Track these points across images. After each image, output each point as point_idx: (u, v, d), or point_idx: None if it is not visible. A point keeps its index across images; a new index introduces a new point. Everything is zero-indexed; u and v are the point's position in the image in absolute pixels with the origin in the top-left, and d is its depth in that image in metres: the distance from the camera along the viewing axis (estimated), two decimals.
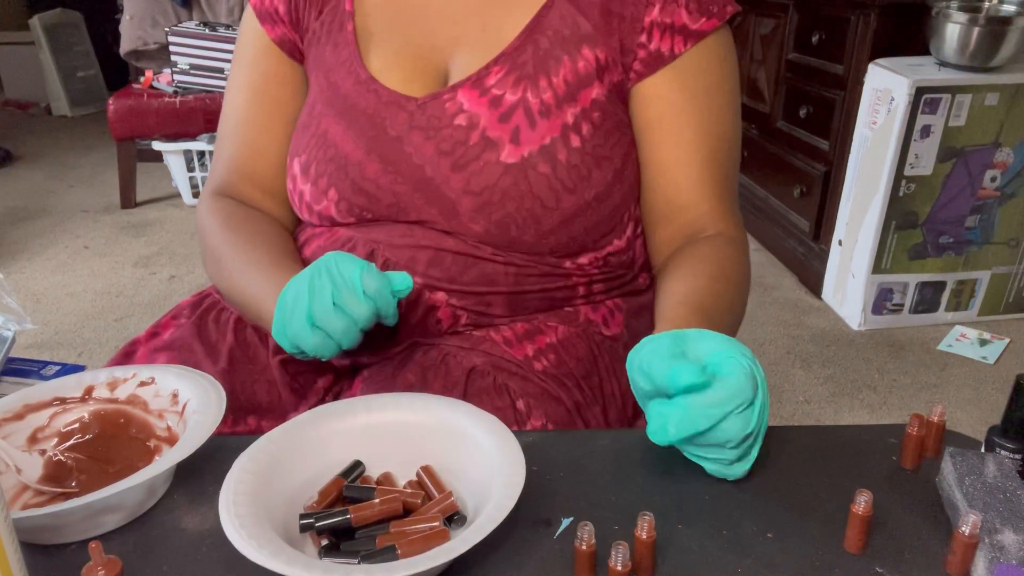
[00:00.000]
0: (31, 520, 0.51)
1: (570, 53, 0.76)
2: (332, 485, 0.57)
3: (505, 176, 0.75)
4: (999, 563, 0.49)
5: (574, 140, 0.76)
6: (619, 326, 0.85)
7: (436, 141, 0.76)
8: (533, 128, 0.75)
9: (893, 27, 2.23)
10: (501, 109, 0.75)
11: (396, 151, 0.77)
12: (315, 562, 0.48)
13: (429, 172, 0.76)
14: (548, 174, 0.75)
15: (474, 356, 0.76)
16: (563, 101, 0.76)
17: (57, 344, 2.24)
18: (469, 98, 0.76)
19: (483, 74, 0.76)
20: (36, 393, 0.64)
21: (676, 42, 0.76)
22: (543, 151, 0.75)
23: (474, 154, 0.75)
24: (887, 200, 2.19)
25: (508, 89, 0.76)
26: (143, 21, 3.25)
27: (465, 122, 0.76)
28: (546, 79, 0.76)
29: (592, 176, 0.77)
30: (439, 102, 0.77)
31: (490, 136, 0.75)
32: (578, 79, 0.76)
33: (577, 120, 0.76)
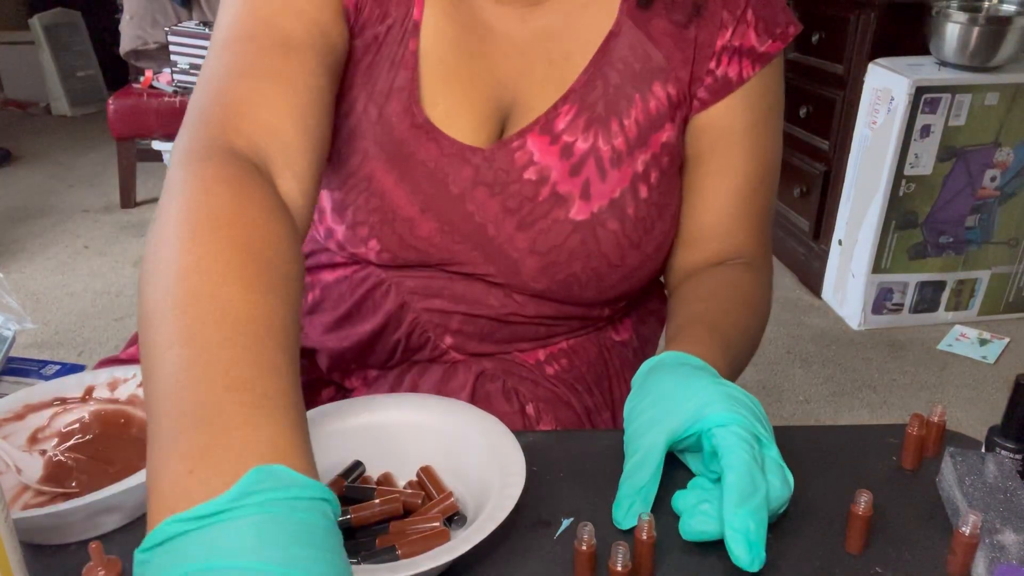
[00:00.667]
0: (31, 520, 0.51)
1: (641, 91, 0.69)
2: (332, 485, 0.57)
3: (574, 235, 0.69)
4: (999, 563, 0.49)
5: (642, 191, 0.69)
6: (628, 331, 0.84)
7: (503, 198, 0.69)
8: (604, 180, 0.68)
9: (893, 27, 2.23)
10: (572, 160, 0.68)
11: (457, 209, 0.69)
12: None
13: (492, 232, 0.69)
14: (617, 231, 0.69)
15: (484, 360, 0.76)
16: (634, 147, 0.69)
17: (57, 344, 2.24)
18: (539, 146, 0.68)
19: (552, 115, 0.68)
20: (36, 393, 0.64)
21: (744, 66, 0.69)
22: (612, 206, 0.69)
23: (542, 212, 0.68)
24: (887, 200, 2.19)
25: (579, 135, 0.68)
26: (143, 21, 3.25)
27: (535, 176, 0.68)
28: (617, 122, 0.68)
29: (655, 228, 0.71)
30: (507, 151, 0.68)
31: (560, 192, 0.68)
32: (650, 121, 0.69)
33: (647, 168, 0.69)
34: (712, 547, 0.53)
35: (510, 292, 0.72)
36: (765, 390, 2.05)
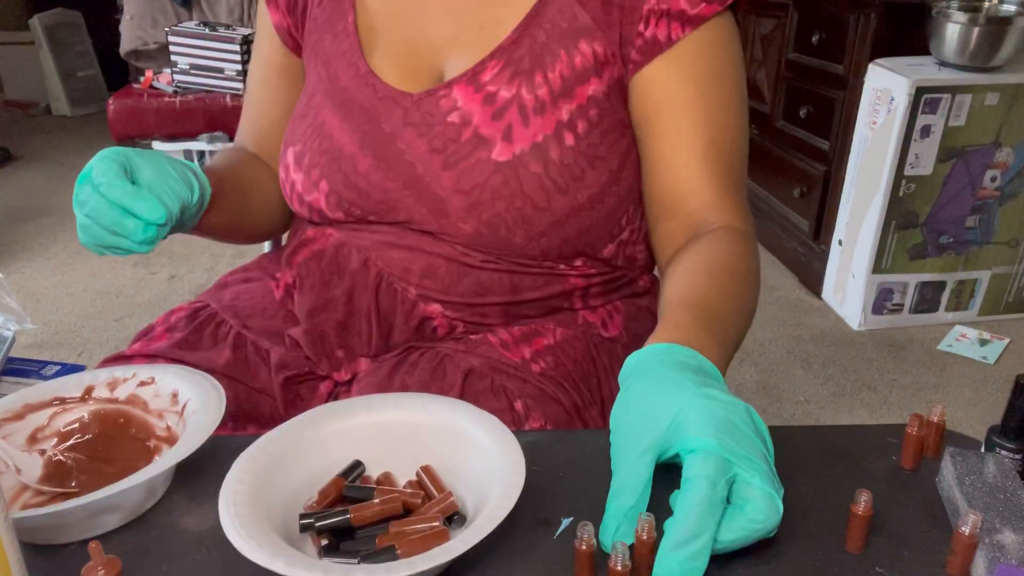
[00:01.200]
0: (31, 520, 0.51)
1: (567, 47, 0.74)
2: (332, 485, 0.57)
3: (496, 175, 0.73)
4: (999, 563, 0.49)
5: (568, 138, 0.74)
6: (618, 328, 0.85)
7: (428, 138, 0.75)
8: (526, 125, 0.74)
9: (893, 27, 2.23)
10: (495, 106, 0.74)
11: (389, 147, 0.77)
12: (315, 562, 0.48)
13: (420, 170, 0.75)
14: (540, 173, 0.73)
15: (471, 358, 0.76)
16: (559, 97, 0.74)
17: (57, 344, 2.24)
18: (464, 95, 0.75)
19: (479, 70, 0.75)
20: (36, 393, 0.64)
21: (673, 28, 0.74)
22: (535, 149, 0.73)
23: (465, 152, 0.74)
24: (887, 200, 2.19)
25: (503, 85, 0.74)
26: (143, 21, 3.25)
27: (458, 119, 0.75)
28: (542, 74, 0.74)
29: (586, 176, 0.75)
30: (434, 99, 0.76)
31: (482, 134, 0.74)
32: (575, 74, 0.74)
33: (572, 117, 0.74)
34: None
35: (452, 243, 0.77)
36: (765, 390, 2.05)
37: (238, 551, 0.48)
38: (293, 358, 0.81)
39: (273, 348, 0.82)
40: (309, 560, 0.48)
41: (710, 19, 0.74)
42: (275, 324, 0.85)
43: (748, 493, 0.48)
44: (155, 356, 0.79)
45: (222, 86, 3.11)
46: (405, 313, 0.79)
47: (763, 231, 2.89)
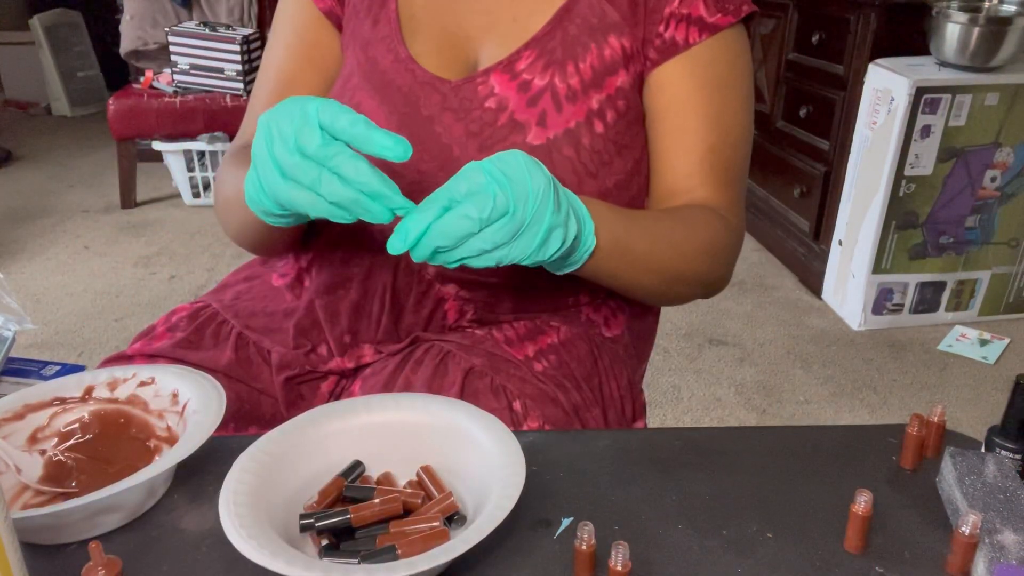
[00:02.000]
0: (31, 520, 0.51)
1: (597, 40, 0.78)
2: (332, 485, 0.57)
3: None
4: (999, 563, 0.49)
5: (598, 126, 0.77)
6: (620, 327, 0.85)
7: (466, 123, 0.77)
8: (559, 112, 0.76)
9: (893, 27, 2.23)
10: (530, 93, 0.77)
11: (427, 130, 0.78)
12: (315, 562, 0.48)
13: (456, 152, 0.77)
14: (572, 157, 0.76)
15: (473, 356, 0.76)
16: (589, 87, 0.77)
17: (57, 344, 2.24)
18: (500, 82, 0.78)
19: (514, 59, 0.78)
20: (36, 393, 0.64)
21: (691, 32, 0.78)
22: (568, 134, 0.76)
23: (501, 136, 0.76)
24: (887, 200, 2.19)
25: (537, 74, 0.77)
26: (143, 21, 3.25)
27: (495, 105, 0.77)
28: (573, 64, 0.77)
29: (614, 163, 0.78)
30: (472, 85, 0.78)
31: (518, 119, 0.77)
32: (604, 66, 0.78)
33: (602, 106, 0.77)
34: (712, 546, 0.53)
35: None
36: (765, 390, 2.05)
37: (238, 551, 0.48)
38: (294, 357, 0.81)
39: (275, 348, 0.82)
40: (309, 560, 0.48)
41: (725, 29, 0.78)
42: (276, 322, 0.85)
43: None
44: (156, 356, 0.79)
45: (222, 86, 3.11)
46: (419, 295, 0.80)
47: (763, 231, 2.89)
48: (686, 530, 0.55)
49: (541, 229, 0.59)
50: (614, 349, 0.83)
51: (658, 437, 0.66)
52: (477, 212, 0.57)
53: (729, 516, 0.56)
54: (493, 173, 0.58)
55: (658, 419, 1.93)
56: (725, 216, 0.79)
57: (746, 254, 2.86)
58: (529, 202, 0.58)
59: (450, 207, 0.58)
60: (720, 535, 0.54)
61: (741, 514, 0.56)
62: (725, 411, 1.97)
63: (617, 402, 0.80)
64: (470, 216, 0.57)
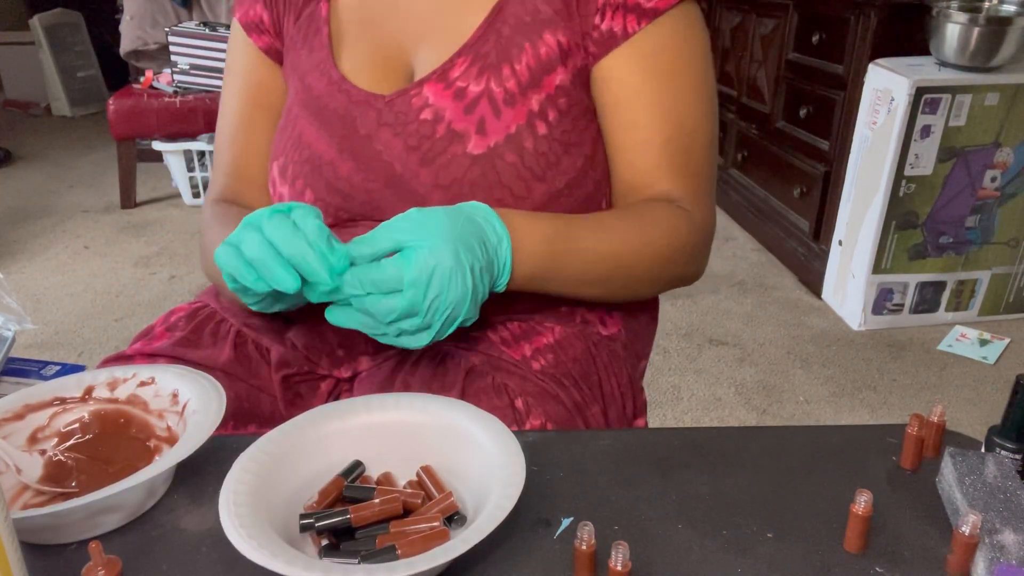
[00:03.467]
0: (31, 520, 0.51)
1: (531, 39, 0.76)
2: (332, 485, 0.57)
3: (473, 167, 0.74)
4: (999, 563, 0.49)
5: (540, 127, 0.75)
6: (616, 325, 0.85)
7: (403, 137, 0.76)
8: (498, 118, 0.75)
9: (893, 27, 2.23)
10: (465, 101, 0.75)
11: (367, 149, 0.77)
12: (315, 562, 0.48)
13: (399, 168, 0.76)
14: (516, 163, 0.74)
15: (472, 356, 0.76)
16: (527, 88, 0.75)
17: (57, 344, 2.24)
18: (434, 92, 0.76)
19: (447, 67, 0.76)
20: (36, 393, 0.64)
21: (629, 21, 0.74)
22: (509, 140, 0.74)
23: (441, 147, 0.75)
24: (887, 200, 2.19)
25: (472, 80, 0.76)
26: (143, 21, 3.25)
27: (431, 116, 0.76)
28: (509, 67, 0.75)
29: (561, 163, 0.76)
30: (406, 98, 0.77)
31: (456, 128, 0.75)
32: (540, 65, 0.75)
33: (543, 107, 0.75)
34: (712, 546, 0.53)
35: None
36: (765, 390, 2.05)
37: (238, 551, 0.48)
38: (293, 356, 0.81)
39: (273, 346, 0.82)
40: (309, 560, 0.48)
41: (667, 11, 0.75)
42: (275, 323, 0.85)
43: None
44: (156, 355, 0.79)
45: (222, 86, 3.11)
46: None
47: (763, 231, 2.89)
48: (686, 530, 0.55)
49: (452, 325, 0.64)
50: (612, 347, 0.83)
51: (658, 437, 0.66)
52: (383, 316, 0.61)
53: (729, 516, 0.56)
54: (417, 284, 0.61)
55: (658, 419, 1.93)
56: (688, 210, 0.77)
57: (746, 254, 2.86)
58: (439, 313, 0.63)
59: (367, 297, 0.61)
60: (720, 535, 0.54)
61: (741, 514, 0.56)
62: (725, 411, 1.97)
63: (618, 400, 0.80)
64: (372, 317, 0.62)
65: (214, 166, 0.92)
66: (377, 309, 0.61)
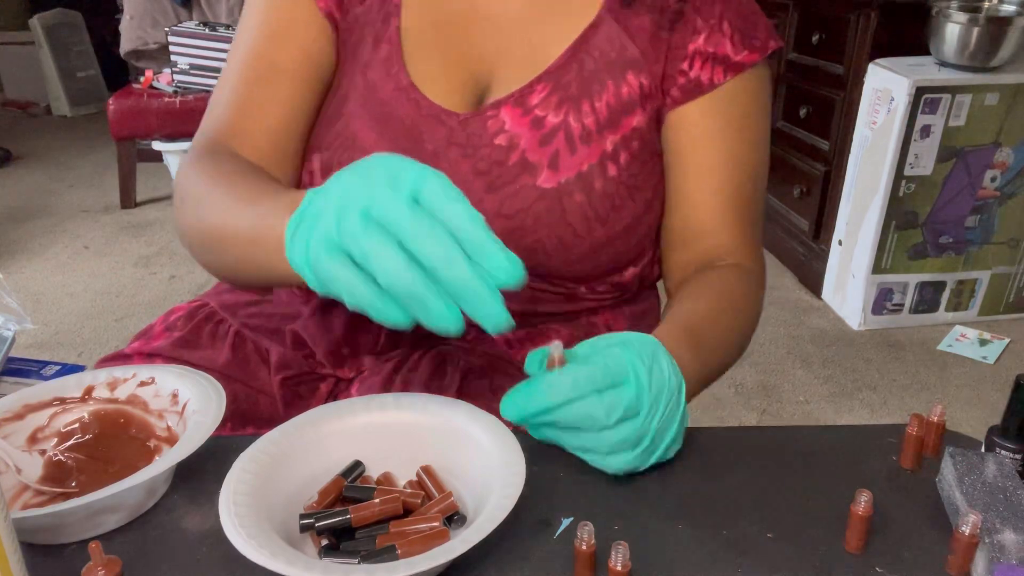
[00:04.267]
0: (31, 520, 0.51)
1: (614, 77, 0.74)
2: (332, 485, 0.57)
3: (540, 201, 0.72)
4: (999, 563, 0.49)
5: (611, 169, 0.74)
6: (621, 329, 0.85)
7: (473, 160, 0.73)
8: (573, 154, 0.73)
9: (893, 27, 2.23)
10: (542, 131, 0.73)
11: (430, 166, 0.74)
12: (315, 562, 0.48)
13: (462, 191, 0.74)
14: (583, 203, 0.73)
15: (472, 357, 0.76)
16: (604, 127, 0.73)
17: (57, 344, 2.24)
18: (511, 117, 0.73)
19: (526, 92, 0.74)
20: (36, 393, 0.64)
21: (716, 72, 0.74)
22: (580, 178, 0.72)
23: (511, 176, 0.72)
24: (887, 200, 2.19)
25: (551, 111, 0.73)
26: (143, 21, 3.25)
27: (505, 142, 0.73)
28: (589, 103, 0.73)
29: (625, 207, 0.75)
30: (481, 119, 0.74)
31: (529, 159, 0.72)
32: (621, 105, 0.74)
33: (616, 148, 0.74)
34: (712, 546, 0.53)
35: None
36: (765, 390, 2.05)
37: (238, 551, 0.48)
38: (292, 357, 0.81)
39: (273, 347, 0.82)
40: (309, 560, 0.48)
41: (750, 67, 0.75)
42: (274, 321, 0.84)
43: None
44: (154, 355, 0.79)
45: None
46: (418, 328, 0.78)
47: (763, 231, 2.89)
48: (686, 530, 0.55)
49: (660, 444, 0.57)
50: None
51: None
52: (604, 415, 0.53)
53: (729, 516, 0.56)
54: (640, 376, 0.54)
55: None
56: (752, 268, 0.77)
57: None
58: (657, 416, 0.56)
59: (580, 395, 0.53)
60: (720, 535, 0.54)
61: (741, 514, 0.56)
62: (725, 411, 1.96)
63: None
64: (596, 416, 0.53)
65: (216, 101, 0.78)
66: (597, 406, 0.53)
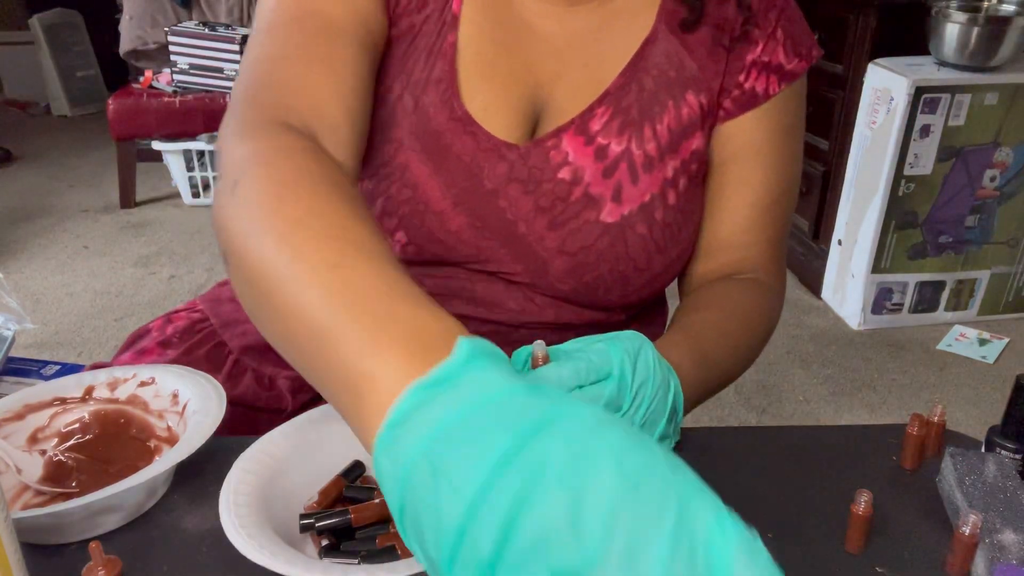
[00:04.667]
0: (31, 520, 0.51)
1: (675, 98, 0.70)
2: (332, 485, 0.57)
3: (603, 236, 0.69)
4: (999, 563, 0.49)
5: (671, 197, 0.70)
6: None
7: (536, 196, 0.69)
8: (635, 184, 0.69)
9: (893, 27, 2.23)
10: (606, 162, 0.69)
11: (489, 205, 0.69)
12: (315, 562, 0.48)
13: (523, 229, 0.69)
14: (645, 235, 0.70)
15: None
16: (665, 153, 0.70)
17: (57, 344, 2.24)
18: (574, 147, 0.69)
19: (587, 116, 0.69)
20: (36, 393, 0.64)
21: (771, 82, 0.72)
22: (643, 209, 0.69)
23: (574, 212, 0.69)
24: (887, 200, 2.19)
25: (613, 138, 0.69)
26: (143, 21, 3.25)
27: (569, 176, 0.69)
28: (650, 127, 0.70)
29: (681, 234, 0.72)
30: (542, 150, 0.69)
31: (592, 193, 0.69)
32: (681, 128, 0.71)
33: (676, 174, 0.71)
34: None
35: (532, 294, 0.72)
36: (765, 390, 2.05)
37: (238, 551, 0.48)
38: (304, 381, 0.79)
39: (279, 374, 0.79)
40: (309, 560, 0.48)
41: (801, 75, 0.73)
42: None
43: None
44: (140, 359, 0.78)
45: (222, 86, 3.10)
46: None
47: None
48: None
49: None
50: None
51: None
52: None
53: None
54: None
55: None
56: (772, 285, 0.74)
57: None
58: (642, 410, 0.53)
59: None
60: None
61: (741, 514, 0.56)
62: (725, 411, 1.96)
63: None
64: None
65: (256, 60, 0.62)
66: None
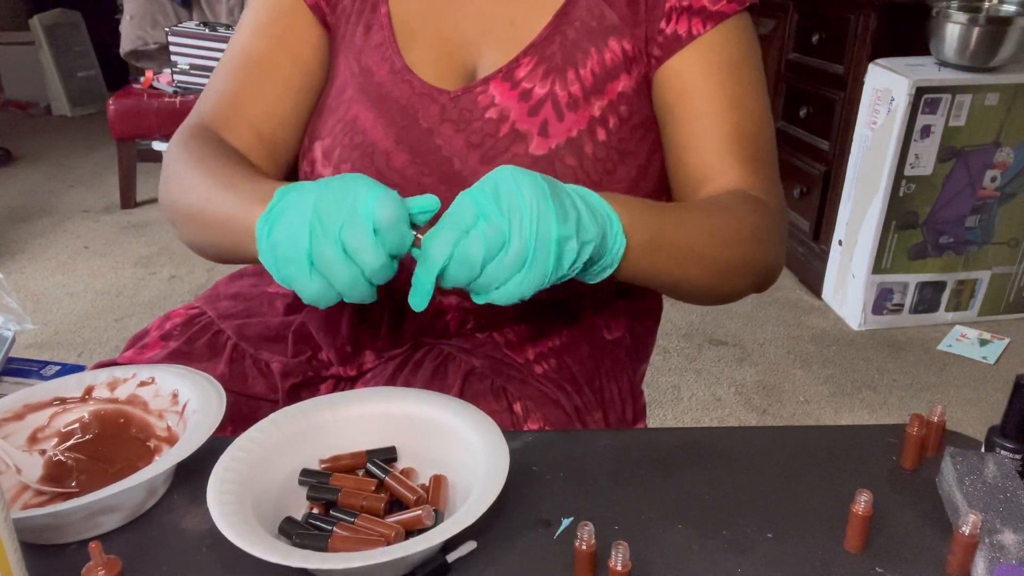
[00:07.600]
0: (31, 520, 0.51)
1: (597, 45, 0.76)
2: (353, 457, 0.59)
3: (533, 168, 0.73)
4: (999, 563, 0.49)
5: (600, 133, 0.75)
6: (621, 329, 0.85)
7: (466, 134, 0.76)
8: (561, 121, 0.75)
9: (893, 27, 2.23)
10: (531, 102, 0.75)
11: (426, 143, 0.76)
12: (312, 554, 0.48)
13: (457, 165, 0.75)
14: (575, 166, 0.74)
15: (473, 359, 0.76)
16: (590, 93, 0.76)
17: (57, 344, 2.24)
18: (500, 91, 0.76)
19: (513, 66, 0.76)
20: (36, 393, 0.64)
21: (694, 24, 0.75)
22: (570, 143, 0.74)
23: (503, 146, 0.75)
24: (887, 200, 2.19)
25: (537, 82, 0.76)
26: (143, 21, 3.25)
27: (496, 115, 0.76)
28: (574, 71, 0.76)
29: (617, 171, 0.76)
30: (471, 95, 0.76)
31: (519, 129, 0.75)
32: (605, 71, 0.76)
33: (604, 113, 0.76)
34: (712, 546, 0.53)
35: None
36: (765, 390, 2.05)
37: (238, 551, 0.48)
38: (296, 365, 0.81)
39: (274, 359, 0.81)
40: (306, 553, 0.48)
41: (730, 17, 0.76)
42: (273, 330, 0.84)
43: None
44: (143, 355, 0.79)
45: None
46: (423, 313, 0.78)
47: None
48: (686, 530, 0.55)
49: (550, 247, 0.54)
50: (615, 352, 0.83)
51: (658, 437, 0.66)
52: (477, 253, 0.53)
53: (729, 516, 0.56)
54: (481, 203, 0.54)
55: (658, 419, 1.93)
56: (763, 198, 0.74)
57: None
58: (525, 224, 0.53)
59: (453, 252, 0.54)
60: (720, 535, 0.54)
61: (741, 514, 0.56)
62: (725, 411, 1.97)
63: (618, 405, 0.79)
64: (471, 259, 0.54)
65: (209, 90, 0.83)
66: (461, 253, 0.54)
